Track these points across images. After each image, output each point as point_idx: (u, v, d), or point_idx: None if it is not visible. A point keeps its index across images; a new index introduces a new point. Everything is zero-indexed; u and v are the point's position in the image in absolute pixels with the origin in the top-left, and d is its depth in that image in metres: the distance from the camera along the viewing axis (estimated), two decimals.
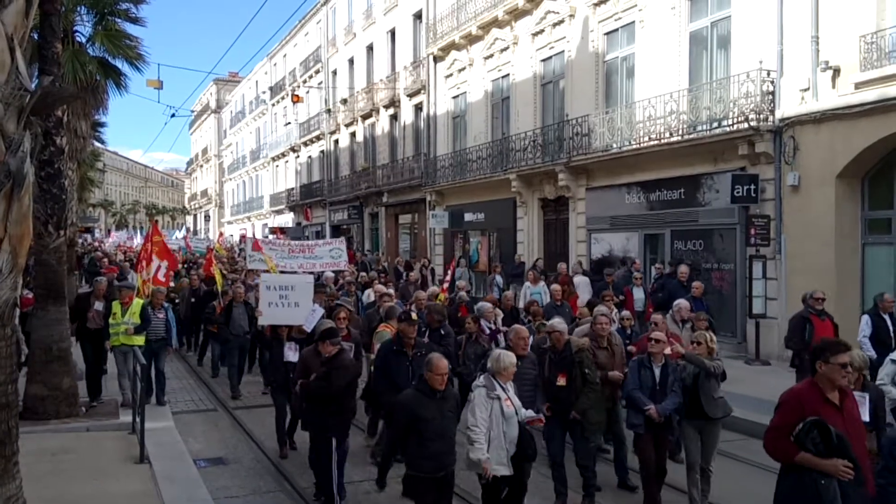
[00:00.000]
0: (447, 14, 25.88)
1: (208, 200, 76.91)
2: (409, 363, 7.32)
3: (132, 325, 10.42)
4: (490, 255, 24.36)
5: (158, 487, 7.41)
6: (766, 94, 13.91)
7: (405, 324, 7.51)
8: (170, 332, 11.43)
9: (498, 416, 5.93)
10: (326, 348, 7.11)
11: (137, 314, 10.55)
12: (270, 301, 9.03)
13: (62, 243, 9.95)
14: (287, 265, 15.50)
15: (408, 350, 7.42)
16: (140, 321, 10.54)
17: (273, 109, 51.34)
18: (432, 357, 5.92)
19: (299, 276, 8.69)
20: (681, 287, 13.22)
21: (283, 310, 9.02)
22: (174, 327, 11.78)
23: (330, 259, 16.31)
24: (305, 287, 9.17)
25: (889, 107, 11.81)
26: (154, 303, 11.26)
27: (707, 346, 7.31)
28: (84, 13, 13.85)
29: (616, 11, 18.11)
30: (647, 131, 16.39)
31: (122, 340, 10.40)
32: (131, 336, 10.40)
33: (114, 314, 10.51)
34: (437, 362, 5.77)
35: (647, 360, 7.20)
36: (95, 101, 14.92)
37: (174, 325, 11.80)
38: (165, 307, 11.55)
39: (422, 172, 27.71)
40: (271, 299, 9.06)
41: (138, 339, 10.46)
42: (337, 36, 38.42)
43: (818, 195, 13.22)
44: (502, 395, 6.01)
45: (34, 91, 4.43)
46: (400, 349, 7.45)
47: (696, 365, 7.11)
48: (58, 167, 9.81)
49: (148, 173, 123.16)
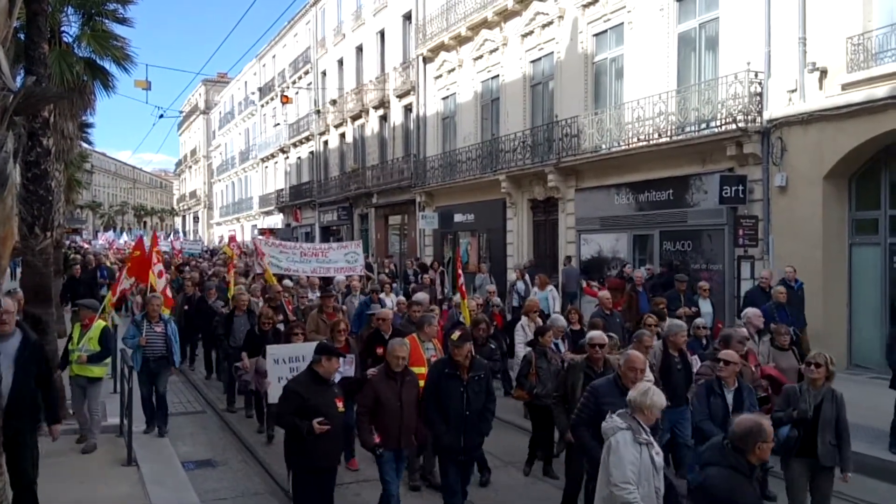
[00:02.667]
0: (436, 15, 25.87)
1: (197, 202, 76.62)
2: (464, 389, 6.40)
3: (87, 352, 8.56)
4: (479, 256, 24.38)
5: (146, 490, 7.38)
6: (753, 95, 13.97)
7: (459, 342, 6.44)
8: (171, 349, 9.60)
9: (648, 469, 4.74)
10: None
11: (96, 339, 8.69)
12: (280, 376, 7.68)
13: (49, 245, 9.87)
14: (299, 269, 14.83)
15: (462, 374, 6.43)
16: (99, 347, 8.66)
17: (262, 110, 51.19)
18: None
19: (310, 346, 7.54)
20: (762, 293, 11.90)
21: None
22: (176, 343, 9.84)
23: (345, 263, 15.20)
24: None
25: (876, 108, 11.89)
26: (150, 313, 9.60)
27: (827, 369, 6.11)
28: (71, 14, 13.78)
29: (605, 13, 18.15)
30: (635, 132, 16.43)
31: (75, 371, 8.65)
32: (86, 367, 8.60)
33: (70, 338, 8.90)
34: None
35: (717, 385, 6.31)
36: (83, 102, 14.81)
37: (176, 340, 9.87)
38: (165, 319, 9.85)
39: (411, 173, 27.68)
40: (280, 374, 7.72)
41: (97, 370, 8.73)
42: (326, 37, 38.35)
43: (806, 196, 13.29)
44: (652, 441, 4.87)
45: (17, 91, 4.40)
46: (453, 372, 6.43)
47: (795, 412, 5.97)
48: (44, 168, 9.72)
49: (136, 174, 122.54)
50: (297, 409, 5.79)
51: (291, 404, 5.86)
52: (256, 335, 9.81)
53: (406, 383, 6.35)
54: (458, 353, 6.37)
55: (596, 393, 5.67)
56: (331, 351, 6.18)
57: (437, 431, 6.35)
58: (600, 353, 6.81)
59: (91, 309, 9.03)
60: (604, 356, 6.81)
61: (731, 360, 6.36)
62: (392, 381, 6.29)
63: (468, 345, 6.49)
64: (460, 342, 6.42)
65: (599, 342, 6.84)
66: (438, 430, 6.32)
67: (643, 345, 7.22)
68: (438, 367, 6.60)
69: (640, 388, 4.97)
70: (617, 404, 5.26)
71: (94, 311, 9.04)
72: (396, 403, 6.23)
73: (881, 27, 12.04)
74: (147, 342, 9.37)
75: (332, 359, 6.05)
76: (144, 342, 9.35)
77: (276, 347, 7.98)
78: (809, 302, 12.22)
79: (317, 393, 5.87)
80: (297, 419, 5.75)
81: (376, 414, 6.25)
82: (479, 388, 6.44)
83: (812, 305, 12.26)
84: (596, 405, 5.55)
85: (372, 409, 6.25)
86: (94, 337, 8.70)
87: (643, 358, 5.84)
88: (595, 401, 5.59)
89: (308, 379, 6.02)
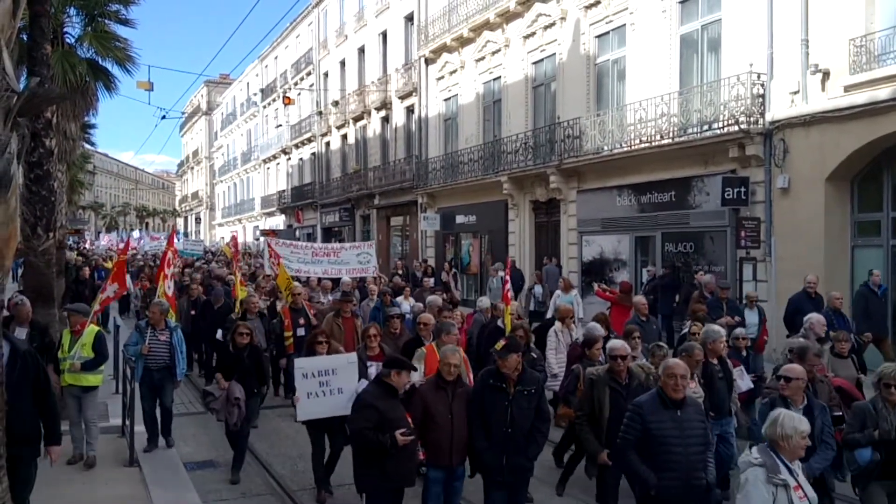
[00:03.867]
0: (439, 16, 25.88)
1: (199, 203, 76.65)
2: (509, 404, 5.81)
3: (80, 359, 8.10)
4: (482, 257, 24.37)
5: (148, 491, 7.40)
6: (756, 96, 13.97)
7: (503, 353, 5.89)
8: (176, 360, 8.95)
9: None
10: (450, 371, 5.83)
11: (90, 346, 8.22)
12: (309, 391, 7.10)
13: (51, 246, 9.89)
14: (309, 270, 14.32)
15: (509, 386, 5.85)
16: (93, 354, 8.21)
17: (264, 111, 51.23)
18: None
19: (341, 358, 7.30)
20: (809, 299, 11.17)
21: (325, 399, 7.13)
22: (182, 353, 9.17)
23: (358, 265, 14.76)
24: (349, 369, 7.28)
25: (878, 110, 11.88)
26: (153, 320, 8.97)
27: None
28: (73, 14, 13.80)
29: (607, 14, 18.15)
30: (637, 134, 16.42)
31: (68, 380, 8.17)
32: (80, 375, 8.14)
33: (61, 346, 8.33)
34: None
35: (782, 403, 5.60)
36: (85, 103, 14.82)
37: (182, 349, 9.20)
38: (171, 326, 9.16)
39: (413, 175, 27.69)
40: (310, 389, 7.12)
41: (93, 378, 8.28)
42: (328, 38, 38.37)
43: (808, 198, 13.28)
44: (790, 481, 4.22)
45: (21, 92, 4.40)
46: (498, 384, 5.87)
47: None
48: (47, 169, 9.76)
49: (138, 175, 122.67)
50: (376, 425, 5.44)
51: (369, 419, 5.46)
52: (230, 353, 8.18)
53: (458, 395, 5.88)
54: (503, 365, 5.83)
55: (640, 410, 5.23)
56: (401, 365, 5.82)
57: (478, 448, 5.85)
58: (622, 365, 6.33)
59: (81, 313, 8.47)
60: (626, 367, 6.37)
61: (792, 376, 5.71)
62: (443, 391, 5.80)
63: (514, 356, 5.87)
64: (504, 353, 5.84)
65: (621, 353, 6.34)
66: (479, 447, 5.83)
67: (693, 359, 6.71)
68: (484, 377, 6.07)
69: (770, 418, 4.44)
70: (665, 421, 5.08)
71: (86, 315, 8.49)
72: (447, 416, 5.77)
73: (884, 29, 12.02)
74: (150, 351, 8.75)
75: (401, 373, 5.70)
76: (147, 350, 8.73)
77: (305, 361, 7.29)
78: None
79: (391, 407, 5.54)
80: (380, 433, 5.41)
81: (425, 428, 5.81)
82: (527, 404, 5.84)
83: None
84: (642, 424, 5.17)
85: (420, 423, 5.80)
86: (87, 343, 8.21)
87: (683, 364, 5.43)
88: (641, 419, 5.19)
89: (380, 392, 5.65)
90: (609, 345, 6.59)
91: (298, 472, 8.41)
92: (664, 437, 5.07)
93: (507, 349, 5.89)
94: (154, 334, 8.88)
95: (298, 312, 11.20)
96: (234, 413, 7.81)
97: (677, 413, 5.13)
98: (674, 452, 5.05)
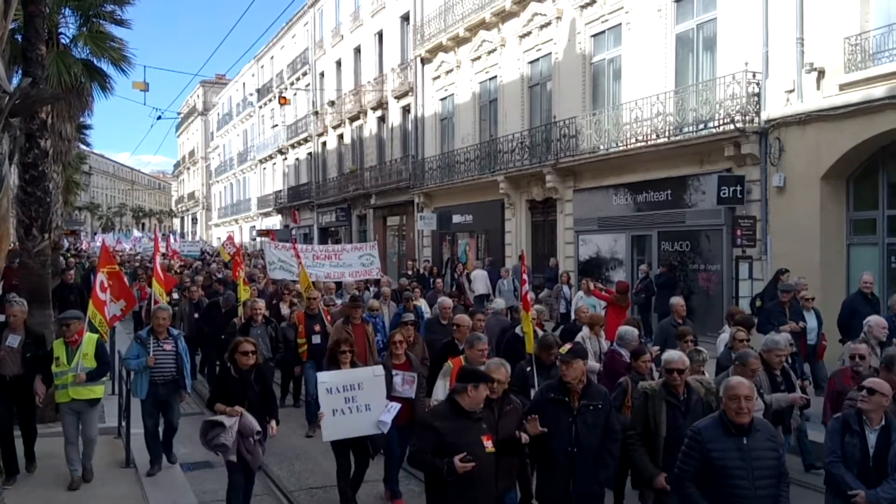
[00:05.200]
0: (434, 16, 25.88)
1: (195, 203, 76.59)
2: (573, 420, 5.22)
3: (83, 370, 7.36)
4: (478, 256, 24.37)
5: (144, 492, 7.40)
6: (751, 95, 13.98)
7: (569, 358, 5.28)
8: (182, 371, 8.12)
9: None
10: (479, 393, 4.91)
11: (92, 355, 7.50)
12: (335, 408, 6.58)
13: (46, 247, 9.87)
14: (312, 274, 13.64)
15: (572, 400, 5.26)
16: (96, 364, 7.50)
17: (260, 112, 51.19)
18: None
19: (367, 371, 6.84)
20: (865, 301, 10.33)
21: (352, 417, 6.62)
22: (188, 363, 8.33)
23: (360, 267, 14.39)
24: (375, 382, 6.77)
25: (873, 108, 11.90)
26: (156, 328, 8.13)
27: None
28: (69, 15, 13.82)
29: (603, 13, 18.16)
30: (633, 133, 16.44)
31: (70, 395, 7.35)
32: (84, 388, 7.40)
33: (56, 358, 7.41)
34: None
35: (857, 420, 5.09)
36: (80, 104, 14.84)
37: (188, 358, 8.37)
38: (174, 334, 8.34)
39: (410, 174, 27.70)
40: (335, 405, 6.59)
41: (97, 389, 7.59)
42: (324, 38, 38.35)
43: (803, 196, 13.30)
44: None
45: (13, 93, 4.39)
46: (560, 397, 5.29)
47: None
48: (42, 170, 9.74)
49: (134, 176, 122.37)
50: (436, 449, 4.72)
51: (428, 442, 4.77)
52: (233, 378, 6.61)
53: (506, 414, 5.16)
54: (567, 372, 5.18)
55: (699, 437, 4.60)
56: (479, 377, 4.94)
57: (538, 474, 5.20)
58: (680, 379, 5.61)
59: (78, 320, 7.66)
60: (685, 381, 5.69)
61: (877, 390, 5.01)
62: (487, 410, 5.06)
63: (580, 363, 5.26)
64: (570, 357, 5.24)
65: (678, 367, 5.58)
66: (540, 473, 5.21)
67: (749, 368, 6.13)
68: (544, 391, 5.50)
69: None
70: (728, 449, 4.46)
71: (80, 320, 7.70)
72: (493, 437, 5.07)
73: (879, 27, 12.05)
74: (155, 363, 7.94)
75: (479, 386, 4.83)
76: (153, 362, 7.90)
77: (329, 375, 6.71)
78: None
79: (459, 429, 4.76)
80: (437, 458, 4.70)
81: None
82: (593, 420, 5.23)
83: None
84: (702, 453, 4.54)
85: None
86: (89, 353, 7.48)
87: (748, 383, 4.72)
88: (700, 448, 4.56)
89: (448, 411, 4.89)
90: (665, 357, 5.85)
91: (295, 472, 8.41)
92: (727, 467, 4.44)
93: (574, 353, 5.28)
94: (158, 344, 8.02)
95: (314, 318, 10.51)
96: (256, 452, 6.44)
97: (743, 440, 4.48)
98: (739, 486, 4.41)
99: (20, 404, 7.66)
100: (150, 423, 8.05)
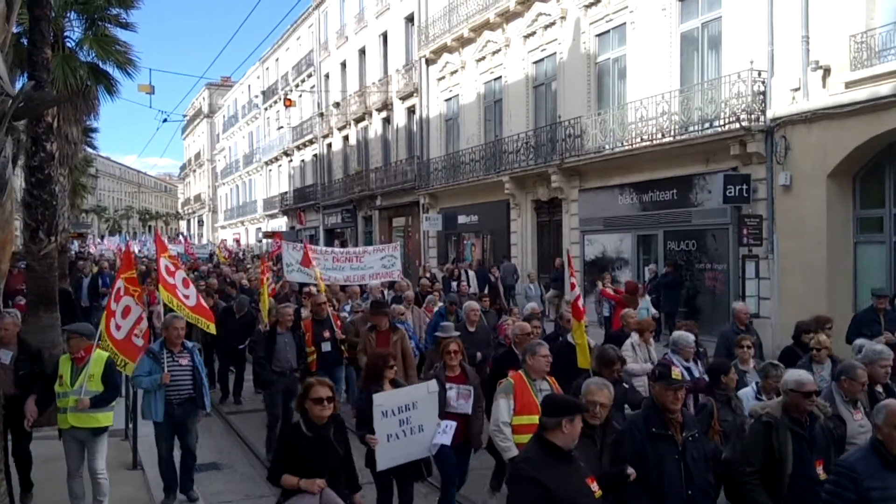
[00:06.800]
0: (439, 17, 25.89)
1: (202, 205, 76.81)
2: (679, 456, 4.42)
3: (87, 395, 6.37)
4: (483, 257, 24.37)
5: (151, 494, 7.39)
6: (757, 94, 13.94)
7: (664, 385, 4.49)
8: (200, 388, 7.17)
9: None
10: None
11: (99, 377, 6.51)
12: (390, 433, 5.69)
13: (53, 250, 9.89)
14: (331, 277, 13.13)
15: (676, 433, 4.46)
16: (102, 388, 6.51)
17: (266, 114, 51.30)
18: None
19: (421, 388, 6.02)
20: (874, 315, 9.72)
21: (406, 440, 5.77)
22: (205, 379, 7.40)
23: (382, 269, 13.83)
24: (429, 400, 5.95)
25: (879, 106, 11.84)
26: (171, 341, 7.12)
27: None
28: (74, 19, 13.88)
29: (607, 13, 18.14)
30: (639, 132, 16.41)
31: (70, 421, 6.39)
32: (86, 414, 6.40)
33: (60, 377, 6.49)
34: None
35: None
36: (86, 107, 14.90)
37: (205, 374, 7.45)
38: (189, 348, 7.31)
39: (415, 175, 27.71)
40: (390, 430, 5.70)
41: (101, 417, 6.52)
42: (329, 40, 38.40)
43: (810, 194, 13.24)
44: None
45: (16, 96, 4.40)
46: (663, 432, 4.46)
47: None
48: (48, 173, 9.75)
49: (141, 178, 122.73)
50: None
51: (531, 498, 3.80)
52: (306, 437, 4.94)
53: (608, 446, 4.48)
54: (672, 399, 4.43)
55: (853, 474, 3.94)
56: (574, 407, 4.02)
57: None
58: (809, 405, 4.76)
59: (85, 336, 6.67)
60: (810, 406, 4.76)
61: None
62: (589, 439, 4.29)
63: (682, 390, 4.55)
64: (678, 384, 4.48)
65: (811, 389, 4.75)
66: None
67: (858, 381, 5.37)
68: (640, 425, 4.58)
69: None
70: (891, 487, 3.84)
71: (90, 338, 6.72)
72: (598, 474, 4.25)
73: (884, 25, 11.99)
74: (171, 380, 6.97)
75: (575, 419, 3.92)
76: (168, 380, 6.94)
77: (385, 396, 5.75)
78: (812, 301, 12.16)
79: (560, 475, 3.84)
80: None
81: None
82: (698, 453, 4.48)
83: (816, 304, 12.20)
84: (858, 493, 3.88)
85: None
86: (96, 374, 6.49)
87: None
88: (855, 487, 3.90)
89: (543, 455, 3.93)
90: (795, 377, 4.89)
91: None
92: None
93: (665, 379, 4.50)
94: (173, 358, 7.06)
95: (322, 324, 9.77)
96: None
97: None
98: None
99: (14, 428, 6.62)
100: (164, 448, 7.16)
